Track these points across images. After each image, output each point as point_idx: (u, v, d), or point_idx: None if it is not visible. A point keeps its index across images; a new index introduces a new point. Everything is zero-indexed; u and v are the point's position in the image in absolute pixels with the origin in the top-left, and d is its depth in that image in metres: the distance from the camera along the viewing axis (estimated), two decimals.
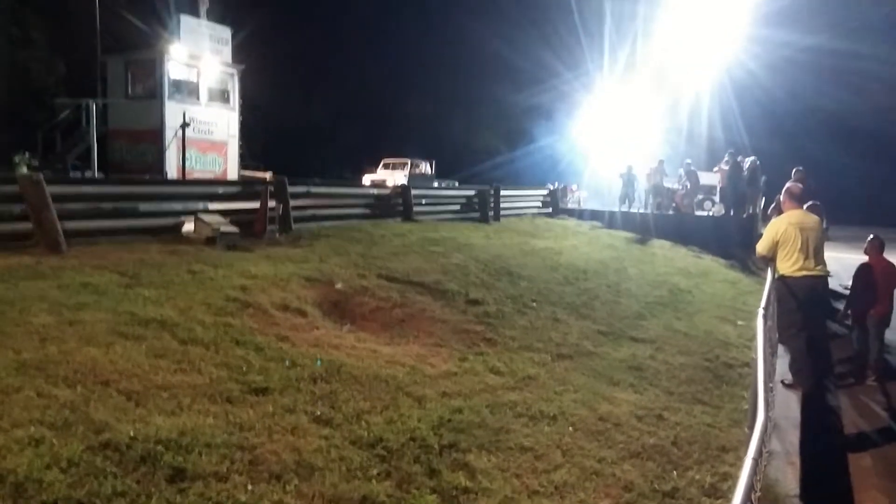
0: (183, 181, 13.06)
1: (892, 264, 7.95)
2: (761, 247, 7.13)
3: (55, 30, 26.13)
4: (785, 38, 31.51)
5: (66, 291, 5.92)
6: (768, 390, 4.26)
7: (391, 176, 25.19)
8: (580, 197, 26.72)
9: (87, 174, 14.83)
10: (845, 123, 33.38)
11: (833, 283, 7.96)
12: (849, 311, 8.30)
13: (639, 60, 32.22)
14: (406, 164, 27.29)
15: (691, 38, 29.81)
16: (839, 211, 18.55)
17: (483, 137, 43.15)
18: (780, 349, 7.48)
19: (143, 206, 9.59)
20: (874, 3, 31.74)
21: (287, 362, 5.25)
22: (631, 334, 8.43)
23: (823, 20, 32.52)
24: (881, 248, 8.06)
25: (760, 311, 4.70)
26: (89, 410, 3.87)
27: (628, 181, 22.25)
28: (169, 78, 17.03)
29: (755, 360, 4.19)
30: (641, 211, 21.71)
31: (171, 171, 16.22)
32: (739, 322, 9.98)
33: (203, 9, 19.78)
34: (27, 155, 15.37)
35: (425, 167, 28.19)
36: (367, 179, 25.17)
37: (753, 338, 5.52)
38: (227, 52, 19.42)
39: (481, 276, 9.88)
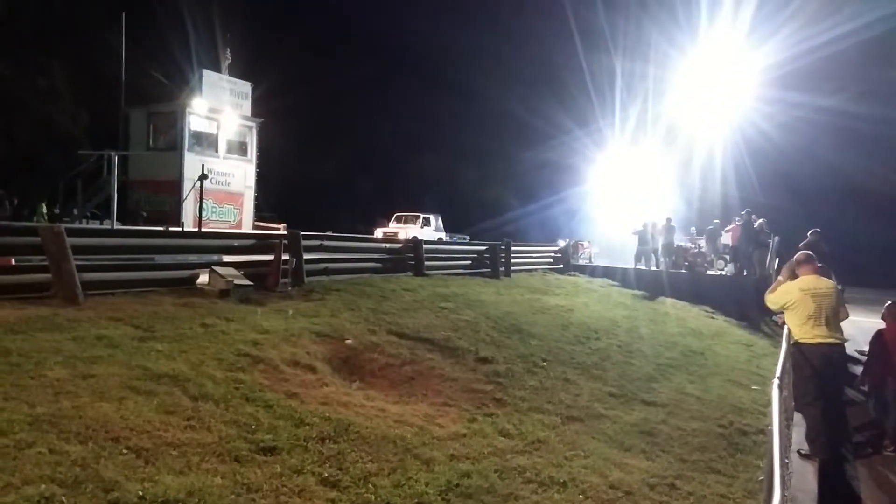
0: (199, 233, 13.22)
1: None
2: (771, 302, 7.05)
3: (80, 82, 26.96)
4: (799, 99, 31.97)
5: (82, 344, 5.97)
6: (784, 466, 4.18)
7: (403, 230, 25.44)
8: (591, 253, 26.73)
9: (106, 223, 15.05)
10: (860, 185, 33.47)
11: (849, 348, 7.87)
12: (865, 378, 8.19)
13: (650, 118, 32.67)
14: (418, 218, 27.64)
15: (703, 97, 30.23)
16: (855, 273, 18.47)
17: (494, 192, 43.51)
18: (797, 417, 7.36)
19: (160, 258, 9.70)
20: (887, 66, 32.20)
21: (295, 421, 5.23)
22: (643, 397, 8.34)
23: (836, 83, 33.00)
24: None
25: (775, 382, 4.65)
26: (99, 468, 3.87)
27: (644, 238, 22.20)
28: (189, 130, 17.48)
29: (770, 431, 4.13)
30: (654, 269, 21.66)
31: (188, 220, 16.47)
32: (754, 387, 9.85)
33: (225, 64, 20.41)
34: (49, 206, 15.70)
35: (436, 222, 28.48)
36: (379, 233, 25.41)
37: (768, 403, 5.44)
38: (246, 105, 19.93)
39: (491, 333, 9.86)
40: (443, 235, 27.10)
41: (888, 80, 31.92)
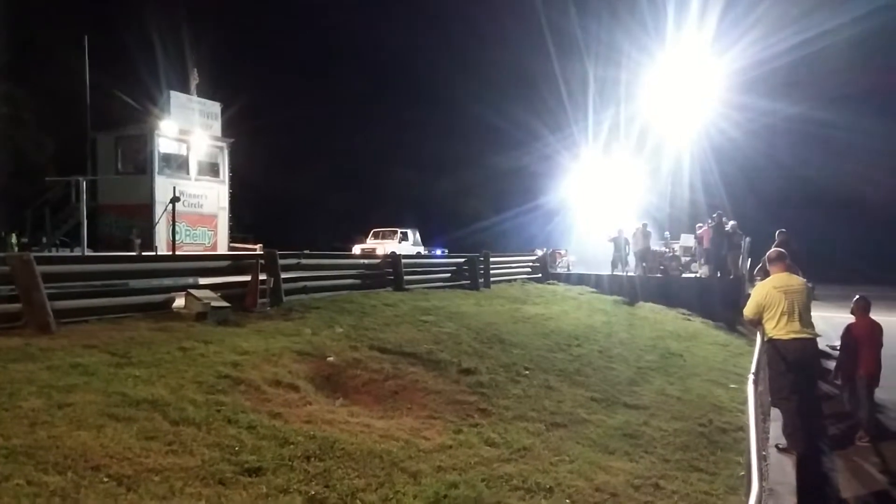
0: (173, 256, 13.10)
1: (878, 324, 8.05)
2: (748, 310, 7.21)
3: (45, 108, 26.61)
4: (766, 106, 32.74)
5: (56, 373, 5.88)
6: (762, 458, 4.26)
7: (381, 245, 25.40)
8: (569, 261, 26.93)
9: (76, 250, 14.84)
10: (824, 189, 34.29)
11: (821, 343, 8.03)
12: (838, 372, 8.35)
13: (622, 124, 33.13)
14: (396, 232, 27.64)
15: (672, 102, 30.73)
16: (823, 272, 18.83)
17: (470, 202, 43.65)
18: (774, 412, 7.48)
19: (134, 283, 9.59)
20: (851, 76, 33.12)
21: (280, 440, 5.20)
22: (624, 400, 8.42)
23: (799, 90, 33.90)
24: (867, 309, 8.17)
25: (750, 378, 4.74)
26: (80, 498, 3.81)
27: (619, 244, 22.44)
28: (159, 153, 17.34)
29: (748, 427, 4.21)
30: (629, 274, 21.87)
31: (161, 244, 16.31)
32: (732, 385, 9.99)
33: (193, 84, 20.30)
34: (18, 235, 15.44)
35: (414, 236, 28.51)
36: (357, 249, 25.37)
37: (745, 401, 5.54)
38: (217, 126, 19.84)
39: (473, 344, 9.89)
40: (421, 249, 27.09)
41: (850, 87, 32.83)
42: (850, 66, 32.77)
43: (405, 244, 26.51)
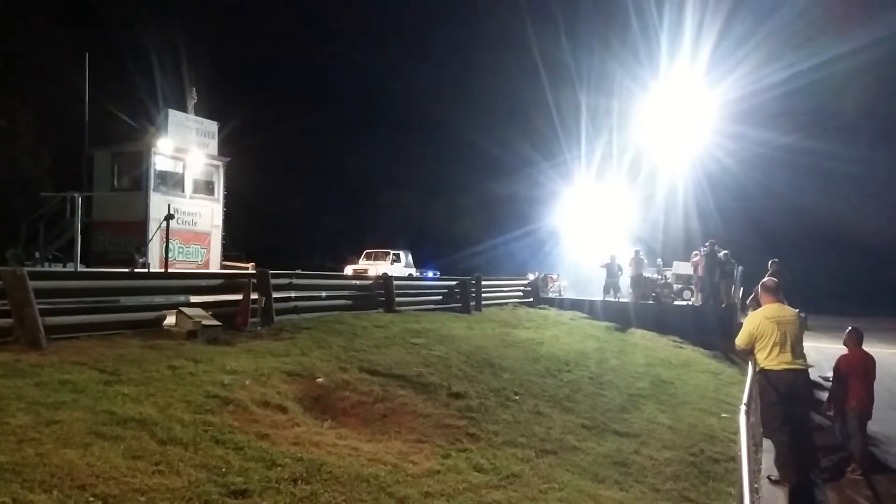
0: (165, 274, 13.05)
1: (871, 356, 8.08)
2: (740, 340, 7.23)
3: (43, 122, 26.66)
4: (759, 136, 33.18)
5: (45, 390, 5.83)
6: (753, 491, 4.25)
7: (373, 266, 25.44)
8: (560, 286, 26.96)
9: (70, 266, 14.77)
10: (818, 219, 34.61)
11: (813, 374, 8.04)
12: (830, 403, 8.35)
13: (615, 152, 33.44)
14: (388, 254, 27.71)
15: (666, 132, 31.06)
16: (815, 302, 18.94)
17: (464, 225, 43.84)
18: (767, 443, 7.46)
19: (126, 300, 9.55)
20: (842, 107, 33.62)
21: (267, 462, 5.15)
22: (615, 428, 8.38)
23: (793, 121, 34.40)
24: (860, 340, 8.20)
25: (742, 408, 4.74)
26: None
27: (612, 271, 22.49)
28: (155, 170, 17.31)
29: (740, 458, 4.20)
30: (622, 300, 21.90)
31: (154, 261, 16.23)
32: (723, 414, 9.97)
33: (191, 103, 20.38)
34: (18, 250, 15.35)
35: (406, 258, 28.57)
36: (349, 269, 25.38)
37: (737, 431, 5.52)
38: (213, 145, 19.87)
39: (463, 368, 9.86)
40: (413, 271, 27.16)
41: (841, 118, 33.29)
42: (840, 98, 33.30)
43: (397, 266, 26.57)
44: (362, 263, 26.99)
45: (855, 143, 32.26)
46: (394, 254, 27.80)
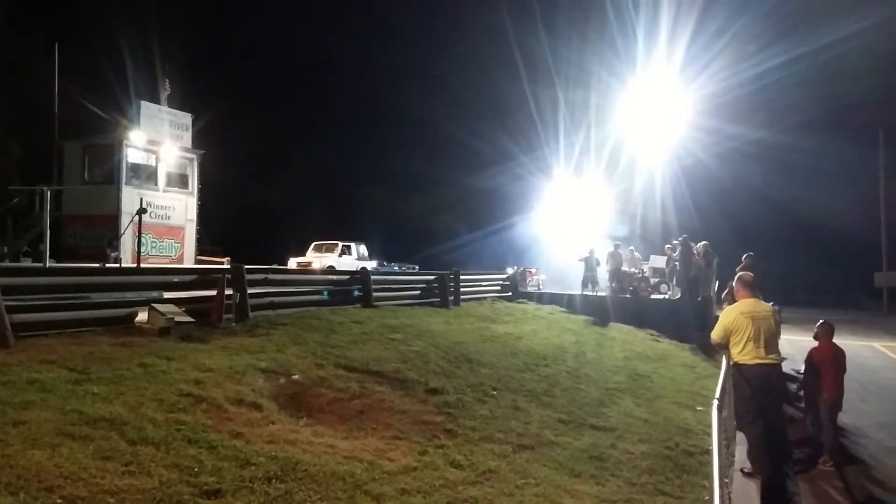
0: (138, 270, 12.84)
1: (841, 349, 8.19)
2: (715, 334, 7.28)
3: (12, 113, 26.06)
4: (733, 131, 33.53)
5: (12, 389, 5.69)
6: (724, 485, 4.28)
7: (319, 259, 24.39)
8: (539, 280, 27.00)
9: (39, 260, 14.49)
10: (790, 213, 35.08)
11: (786, 367, 8.13)
12: (800, 394, 8.47)
13: (593, 145, 33.57)
14: (336, 246, 26.42)
15: (642, 126, 31.28)
16: (788, 294, 19.22)
17: (443, 219, 43.78)
18: (740, 436, 7.54)
19: (97, 296, 9.37)
20: (811, 103, 34.08)
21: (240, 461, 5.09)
22: (591, 422, 8.42)
23: (764, 117, 34.84)
24: (831, 333, 8.31)
25: (715, 403, 4.77)
26: None
27: (590, 265, 22.56)
28: (127, 163, 17.09)
29: (712, 452, 4.23)
30: (600, 294, 22.01)
31: (126, 256, 16.00)
32: (699, 408, 10.06)
33: (164, 95, 20.10)
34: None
35: (359, 250, 27.31)
36: (292, 262, 24.32)
37: (711, 424, 5.56)
38: (187, 137, 19.64)
39: (441, 363, 9.83)
40: (367, 264, 25.48)
41: (811, 113, 33.79)
42: (810, 94, 33.80)
43: (347, 258, 25.11)
44: (308, 255, 25.68)
45: (824, 139, 32.74)
46: (343, 245, 26.17)
